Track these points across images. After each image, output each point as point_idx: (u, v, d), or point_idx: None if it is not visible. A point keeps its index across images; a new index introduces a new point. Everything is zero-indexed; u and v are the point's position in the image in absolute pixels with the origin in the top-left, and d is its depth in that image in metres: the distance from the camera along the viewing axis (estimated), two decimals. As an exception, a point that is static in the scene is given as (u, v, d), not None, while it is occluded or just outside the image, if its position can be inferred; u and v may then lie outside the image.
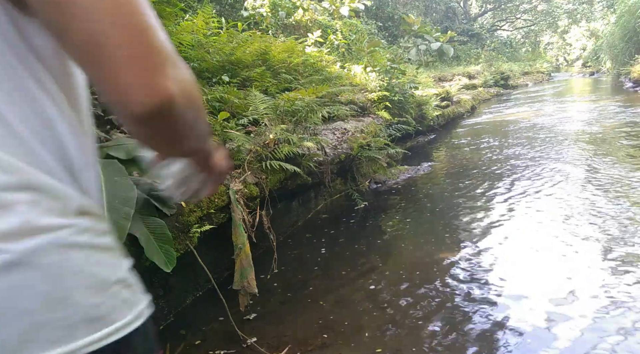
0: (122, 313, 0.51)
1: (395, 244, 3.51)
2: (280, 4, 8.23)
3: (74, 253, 0.47)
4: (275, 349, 2.19)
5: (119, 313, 0.51)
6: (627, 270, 2.60)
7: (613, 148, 5.72)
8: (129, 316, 0.52)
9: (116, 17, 0.43)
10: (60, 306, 0.45)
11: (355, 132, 4.87)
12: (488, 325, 2.25)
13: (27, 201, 0.45)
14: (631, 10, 15.02)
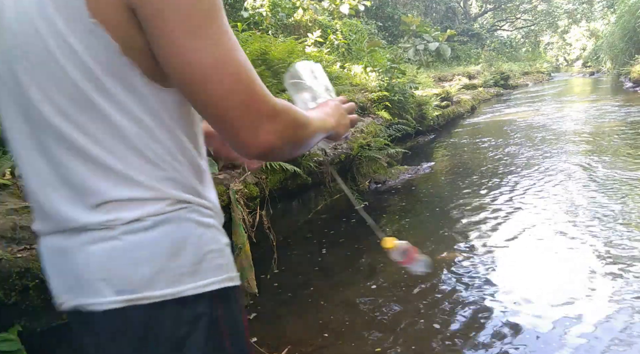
0: (214, 274, 0.69)
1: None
2: (280, 4, 8.23)
3: (187, 225, 0.67)
4: (275, 349, 2.20)
5: (212, 273, 0.69)
6: (628, 269, 2.60)
7: (613, 147, 5.72)
8: (219, 277, 0.69)
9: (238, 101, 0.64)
10: (175, 259, 0.65)
11: (355, 132, 4.87)
12: (488, 325, 2.25)
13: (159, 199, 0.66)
14: (631, 10, 15.02)
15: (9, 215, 1.84)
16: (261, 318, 2.53)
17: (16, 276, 1.60)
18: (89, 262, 0.65)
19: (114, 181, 0.65)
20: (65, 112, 0.64)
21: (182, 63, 0.61)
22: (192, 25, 0.60)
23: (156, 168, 0.67)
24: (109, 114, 0.63)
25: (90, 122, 0.64)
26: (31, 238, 1.78)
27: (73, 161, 0.65)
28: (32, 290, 1.65)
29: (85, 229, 0.65)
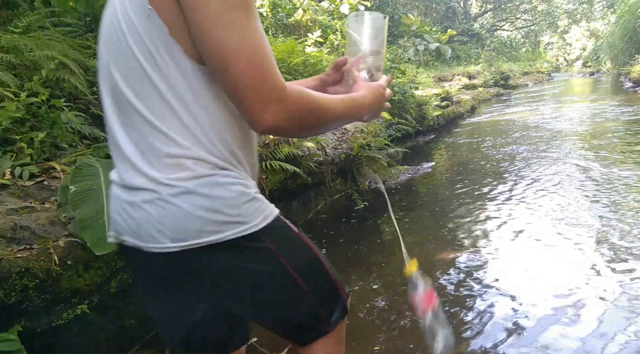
0: (253, 217, 0.87)
1: (395, 244, 3.50)
2: (280, 4, 8.23)
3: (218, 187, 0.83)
4: (275, 349, 2.19)
5: (251, 217, 0.86)
6: (628, 268, 2.60)
7: (613, 147, 5.72)
8: (257, 220, 0.88)
9: (248, 82, 0.74)
10: (216, 213, 0.82)
11: (355, 131, 4.87)
12: (489, 325, 2.24)
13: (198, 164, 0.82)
14: (631, 10, 15.02)
15: (9, 215, 1.84)
16: (261, 318, 2.53)
17: (16, 276, 1.60)
18: (147, 218, 0.83)
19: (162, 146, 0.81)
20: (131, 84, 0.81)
21: (210, 45, 0.74)
22: (220, 15, 0.73)
23: (195, 135, 0.81)
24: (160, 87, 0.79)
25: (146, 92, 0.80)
26: (31, 238, 1.78)
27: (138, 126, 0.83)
28: (32, 290, 1.65)
29: (144, 189, 0.82)
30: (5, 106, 2.26)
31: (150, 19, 0.76)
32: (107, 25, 0.83)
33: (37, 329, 1.72)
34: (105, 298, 2.04)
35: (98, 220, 1.70)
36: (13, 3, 3.62)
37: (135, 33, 0.78)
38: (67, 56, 2.82)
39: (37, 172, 2.23)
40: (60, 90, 2.89)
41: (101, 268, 1.91)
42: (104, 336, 2.11)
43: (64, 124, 2.53)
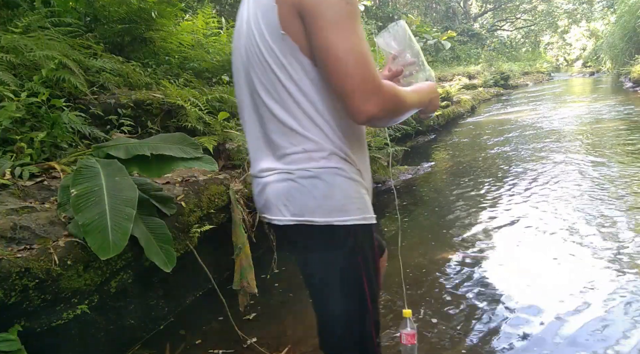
0: (354, 213, 1.01)
1: (395, 244, 3.50)
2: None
3: (338, 177, 1.00)
4: (275, 349, 2.19)
5: (353, 212, 1.01)
6: (628, 266, 2.60)
7: (613, 147, 5.71)
8: (357, 216, 1.02)
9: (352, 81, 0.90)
10: (328, 199, 0.98)
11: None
12: (489, 324, 2.24)
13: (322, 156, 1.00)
14: (631, 10, 15.02)
15: (9, 215, 1.84)
16: (261, 318, 2.53)
17: (16, 276, 1.60)
18: (276, 193, 1.02)
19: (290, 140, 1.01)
20: (268, 81, 1.00)
21: (325, 50, 0.91)
22: (334, 26, 0.91)
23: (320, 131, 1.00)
24: (292, 92, 0.98)
25: (277, 88, 0.99)
26: (31, 238, 1.78)
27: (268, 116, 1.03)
28: (32, 290, 1.65)
29: (274, 172, 1.02)
30: (5, 106, 2.26)
31: (284, 40, 0.96)
32: (246, 45, 1.04)
33: (37, 329, 1.72)
34: (105, 298, 2.04)
35: (101, 223, 1.69)
36: (13, 3, 3.62)
37: (271, 51, 0.98)
38: (67, 56, 2.82)
39: (37, 172, 2.23)
40: (60, 90, 2.89)
41: (101, 268, 1.91)
42: (104, 336, 2.11)
43: (64, 124, 2.53)
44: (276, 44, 0.97)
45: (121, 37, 4.16)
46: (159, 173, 2.12)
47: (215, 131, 3.11)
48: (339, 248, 1.03)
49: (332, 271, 1.05)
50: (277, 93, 1.00)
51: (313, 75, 0.98)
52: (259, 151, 1.08)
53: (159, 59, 4.25)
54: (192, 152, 2.17)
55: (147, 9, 4.02)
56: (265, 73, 1.00)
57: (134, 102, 3.20)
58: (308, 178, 0.99)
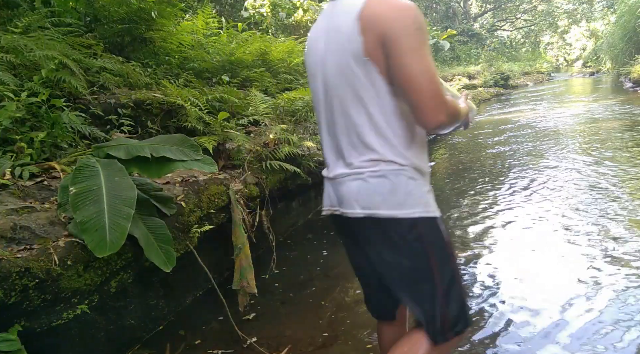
0: (416, 207, 1.19)
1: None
2: (280, 4, 8.23)
3: (401, 177, 1.18)
4: (275, 349, 2.19)
5: (416, 207, 1.18)
6: (628, 265, 2.61)
7: (613, 147, 5.71)
8: (419, 209, 1.19)
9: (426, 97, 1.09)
10: (393, 195, 1.16)
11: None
12: (489, 324, 2.24)
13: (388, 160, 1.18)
14: (631, 10, 15.01)
15: (9, 215, 1.84)
16: (261, 318, 2.53)
17: (16, 276, 1.60)
18: (349, 190, 1.22)
19: (363, 147, 1.20)
20: (346, 100, 1.20)
21: (404, 71, 1.11)
22: (411, 51, 1.10)
23: (387, 142, 1.18)
24: (369, 106, 1.18)
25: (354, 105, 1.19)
26: (31, 238, 1.78)
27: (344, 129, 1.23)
28: (32, 290, 1.65)
29: (347, 175, 1.22)
30: (5, 106, 2.26)
31: (366, 64, 1.15)
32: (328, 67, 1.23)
33: (37, 329, 1.72)
34: (105, 298, 2.04)
35: (99, 221, 1.69)
36: (13, 3, 3.62)
37: (353, 73, 1.17)
38: (67, 56, 2.82)
39: (37, 172, 2.23)
40: (60, 90, 2.89)
41: (101, 268, 1.91)
42: (104, 336, 2.11)
43: (64, 124, 2.53)
44: (359, 67, 1.16)
45: (121, 37, 4.16)
46: (159, 174, 2.12)
47: (215, 131, 3.11)
48: (405, 237, 1.20)
49: (401, 258, 1.23)
50: (353, 107, 1.20)
51: (386, 93, 1.17)
52: (334, 157, 1.29)
53: (159, 58, 4.25)
54: (192, 154, 2.17)
55: (147, 9, 4.02)
56: (345, 90, 1.20)
57: (134, 102, 3.20)
58: (376, 177, 1.18)
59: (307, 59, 1.34)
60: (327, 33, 1.23)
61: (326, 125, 1.29)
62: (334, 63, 1.21)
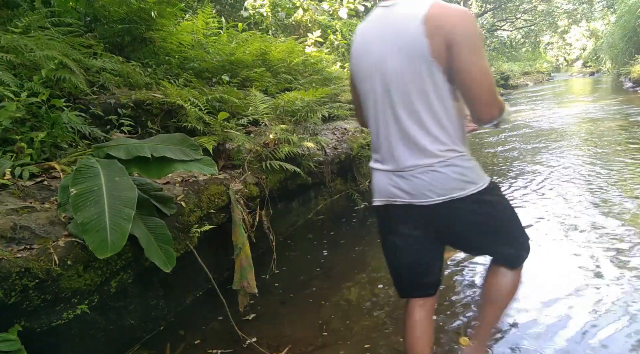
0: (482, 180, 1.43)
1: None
2: (280, 4, 8.23)
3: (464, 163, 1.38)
4: (275, 349, 2.20)
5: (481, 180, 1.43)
6: (628, 267, 2.60)
7: (613, 147, 5.71)
8: (484, 181, 1.44)
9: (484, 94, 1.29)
10: (461, 177, 1.37)
11: (355, 132, 4.87)
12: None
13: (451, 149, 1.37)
14: (631, 10, 15.00)
15: (9, 215, 1.84)
16: (261, 318, 2.53)
17: (16, 276, 1.60)
18: (422, 182, 1.38)
19: (431, 141, 1.35)
20: (412, 98, 1.34)
21: (467, 70, 1.27)
22: (473, 52, 1.26)
23: (450, 134, 1.36)
24: (433, 102, 1.33)
25: (421, 103, 1.33)
26: (31, 238, 1.78)
27: (413, 127, 1.37)
28: (32, 290, 1.65)
29: (417, 167, 1.38)
30: (5, 106, 2.26)
31: (431, 64, 1.28)
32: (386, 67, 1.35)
33: (37, 329, 1.72)
34: (105, 298, 2.04)
35: (100, 223, 1.69)
36: (13, 3, 3.62)
37: (419, 73, 1.30)
38: (67, 56, 2.82)
39: (37, 172, 2.23)
40: (60, 90, 2.89)
41: (101, 268, 1.91)
42: (104, 336, 2.11)
43: (64, 124, 2.53)
44: (425, 67, 1.29)
45: (121, 37, 4.16)
46: (159, 174, 2.12)
47: (215, 131, 3.11)
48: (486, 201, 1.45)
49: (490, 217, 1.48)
50: (419, 105, 1.34)
51: (446, 90, 1.33)
52: (396, 152, 1.41)
53: (159, 58, 4.25)
54: (192, 153, 2.17)
55: (147, 9, 4.02)
56: (411, 89, 1.33)
57: (134, 102, 3.20)
58: (445, 166, 1.36)
59: (359, 61, 1.43)
60: (384, 37, 1.34)
61: (384, 121, 1.42)
62: (396, 64, 1.32)
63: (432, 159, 1.35)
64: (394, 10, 1.34)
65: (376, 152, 1.50)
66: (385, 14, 1.36)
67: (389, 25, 1.33)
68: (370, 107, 1.45)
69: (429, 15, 1.25)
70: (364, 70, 1.42)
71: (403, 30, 1.29)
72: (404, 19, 1.29)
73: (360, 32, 1.45)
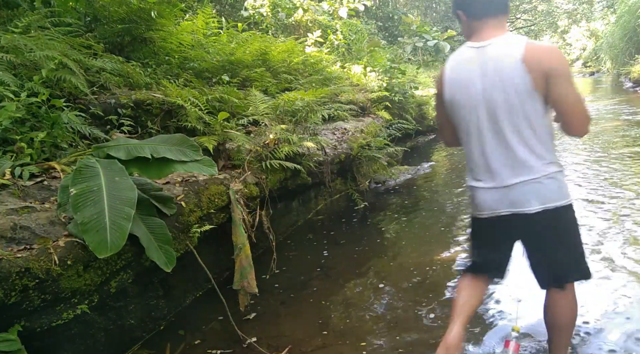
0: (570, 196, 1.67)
1: (395, 244, 3.51)
2: (280, 4, 8.23)
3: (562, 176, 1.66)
4: (275, 349, 2.20)
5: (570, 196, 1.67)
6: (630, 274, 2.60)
7: (613, 147, 5.71)
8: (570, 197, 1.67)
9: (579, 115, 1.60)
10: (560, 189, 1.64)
11: (355, 132, 4.87)
12: (490, 325, 2.24)
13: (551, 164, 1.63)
14: (631, 10, 14.99)
15: (9, 215, 1.84)
16: (261, 318, 2.53)
17: (16, 276, 1.60)
18: (526, 193, 1.60)
19: (535, 158, 1.59)
20: (518, 123, 1.58)
21: (565, 98, 1.54)
22: (568, 82, 1.53)
23: (548, 151, 1.61)
24: (535, 126, 1.57)
25: (525, 127, 1.57)
26: (31, 238, 1.78)
27: (519, 147, 1.59)
28: (32, 290, 1.65)
29: (523, 182, 1.60)
30: (5, 106, 2.26)
31: (533, 95, 1.54)
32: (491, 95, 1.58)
33: (37, 329, 1.72)
34: (105, 298, 2.04)
35: (100, 222, 1.69)
36: (13, 3, 3.62)
37: (523, 102, 1.55)
38: (67, 56, 2.82)
39: (37, 172, 2.23)
40: (60, 90, 2.89)
41: (101, 268, 1.91)
42: (104, 336, 2.11)
43: (64, 124, 2.53)
44: (528, 97, 1.54)
45: (121, 37, 4.16)
46: (159, 175, 2.12)
47: (215, 131, 3.11)
48: (569, 215, 1.67)
49: (568, 229, 1.70)
50: (524, 128, 1.58)
51: (545, 115, 1.59)
52: (503, 170, 1.63)
53: (159, 59, 4.25)
54: (192, 154, 2.17)
55: (147, 9, 4.02)
56: (516, 116, 1.57)
57: (134, 102, 3.20)
58: (548, 179, 1.60)
59: (461, 94, 1.65)
60: (485, 73, 1.59)
61: (490, 144, 1.64)
62: (501, 96, 1.57)
63: (537, 174, 1.59)
64: (488, 50, 1.59)
65: (477, 171, 1.70)
66: (480, 54, 1.60)
67: (487, 63, 1.58)
68: (473, 132, 1.66)
69: (526, 55, 1.51)
70: (468, 102, 1.64)
71: (505, 67, 1.54)
72: (502, 58, 1.55)
73: (454, 67, 1.69)
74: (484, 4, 1.61)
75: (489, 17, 1.61)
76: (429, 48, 7.95)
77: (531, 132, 1.57)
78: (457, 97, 1.66)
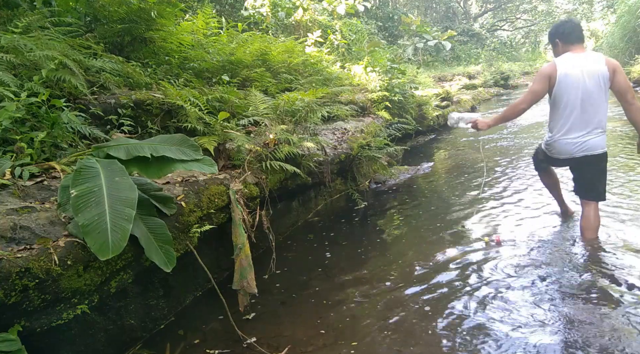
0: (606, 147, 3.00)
1: (395, 244, 3.51)
2: (280, 4, 8.23)
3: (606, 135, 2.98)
4: (275, 349, 2.20)
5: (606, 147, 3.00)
6: (627, 267, 2.61)
7: (613, 148, 5.71)
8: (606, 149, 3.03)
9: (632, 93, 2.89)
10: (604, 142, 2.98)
11: (355, 132, 4.87)
12: (489, 324, 2.25)
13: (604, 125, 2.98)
14: (631, 11, 14.99)
15: (9, 215, 1.84)
16: (261, 318, 2.53)
17: (16, 276, 1.60)
18: (596, 142, 2.92)
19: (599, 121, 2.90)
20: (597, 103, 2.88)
21: (625, 84, 2.85)
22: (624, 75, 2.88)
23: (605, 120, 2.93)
24: (602, 103, 2.89)
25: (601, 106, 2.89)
26: (31, 238, 1.78)
27: (592, 116, 2.89)
28: (32, 289, 1.65)
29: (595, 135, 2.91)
30: (5, 106, 2.26)
31: (607, 84, 2.84)
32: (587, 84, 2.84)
33: (37, 329, 1.72)
34: (105, 298, 2.04)
35: (101, 224, 1.69)
36: (13, 3, 3.62)
37: (602, 88, 2.84)
38: (67, 56, 2.82)
39: (37, 172, 2.23)
40: (60, 90, 2.89)
41: (101, 268, 1.91)
42: (104, 336, 2.11)
43: (64, 124, 2.53)
44: (605, 85, 2.83)
45: (121, 37, 4.16)
46: (159, 174, 2.12)
47: (215, 131, 3.11)
48: (605, 157, 2.96)
49: (604, 167, 2.97)
50: (598, 105, 2.85)
51: (606, 99, 2.86)
52: (583, 129, 2.89)
53: (159, 58, 4.25)
54: (192, 153, 2.17)
55: (147, 9, 4.02)
56: (596, 97, 2.83)
57: (134, 102, 3.20)
58: (603, 135, 2.90)
59: (568, 78, 2.85)
60: (583, 69, 2.84)
61: (579, 114, 2.87)
62: (592, 84, 2.82)
63: (599, 130, 2.88)
64: (586, 56, 2.88)
65: (563, 130, 2.93)
66: (580, 58, 2.87)
67: (585, 65, 2.84)
68: (570, 105, 2.89)
69: (607, 63, 2.82)
70: (572, 84, 2.85)
71: (596, 68, 2.82)
72: (595, 63, 2.84)
73: (565, 64, 2.88)
74: (575, 38, 2.95)
75: (577, 44, 2.95)
76: (429, 48, 7.96)
77: (602, 108, 2.85)
78: (569, 82, 2.84)
